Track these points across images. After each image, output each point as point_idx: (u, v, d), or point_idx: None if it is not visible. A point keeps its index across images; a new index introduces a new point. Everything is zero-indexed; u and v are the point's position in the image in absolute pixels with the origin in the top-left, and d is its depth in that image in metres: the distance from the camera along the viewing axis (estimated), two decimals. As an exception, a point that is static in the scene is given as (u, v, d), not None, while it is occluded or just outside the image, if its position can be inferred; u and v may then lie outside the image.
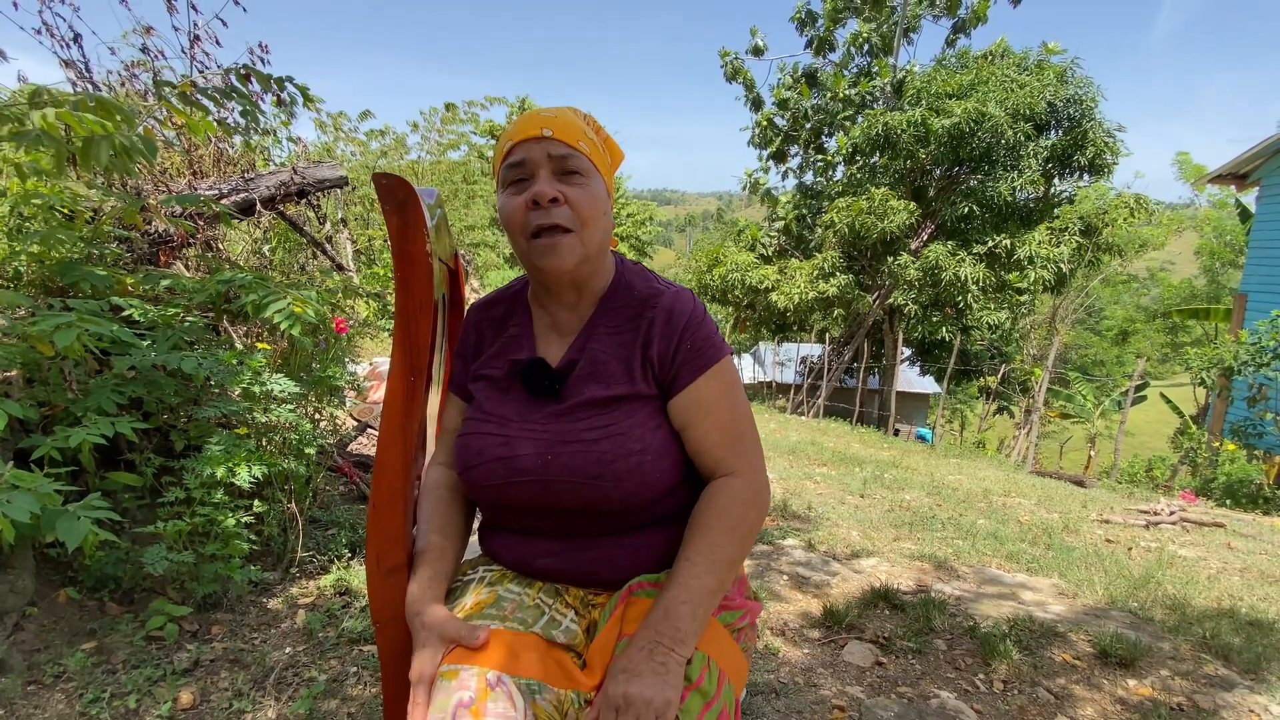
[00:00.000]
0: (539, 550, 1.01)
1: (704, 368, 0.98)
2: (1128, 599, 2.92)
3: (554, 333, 1.04)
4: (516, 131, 0.95)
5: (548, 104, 1.02)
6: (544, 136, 0.93)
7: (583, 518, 0.98)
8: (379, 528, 0.98)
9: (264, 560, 2.42)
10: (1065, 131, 11.25)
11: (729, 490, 0.98)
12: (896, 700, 1.98)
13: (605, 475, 0.93)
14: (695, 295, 1.04)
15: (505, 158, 0.96)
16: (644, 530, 1.00)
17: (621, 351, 0.99)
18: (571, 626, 0.97)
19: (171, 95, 2.06)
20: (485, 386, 1.05)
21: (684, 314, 0.99)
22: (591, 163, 0.96)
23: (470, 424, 1.03)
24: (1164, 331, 28.20)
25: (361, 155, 8.68)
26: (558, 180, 0.94)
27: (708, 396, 0.98)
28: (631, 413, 0.97)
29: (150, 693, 1.73)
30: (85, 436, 1.68)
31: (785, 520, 3.84)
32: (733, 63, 14.76)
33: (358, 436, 3.79)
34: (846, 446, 7.21)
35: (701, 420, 0.98)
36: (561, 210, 0.93)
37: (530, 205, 0.93)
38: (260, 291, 2.12)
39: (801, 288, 12.20)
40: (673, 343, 0.98)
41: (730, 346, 1.04)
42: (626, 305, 1.01)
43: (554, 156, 0.94)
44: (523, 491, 0.96)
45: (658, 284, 1.03)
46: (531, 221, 0.93)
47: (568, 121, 0.96)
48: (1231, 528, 4.70)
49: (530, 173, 0.94)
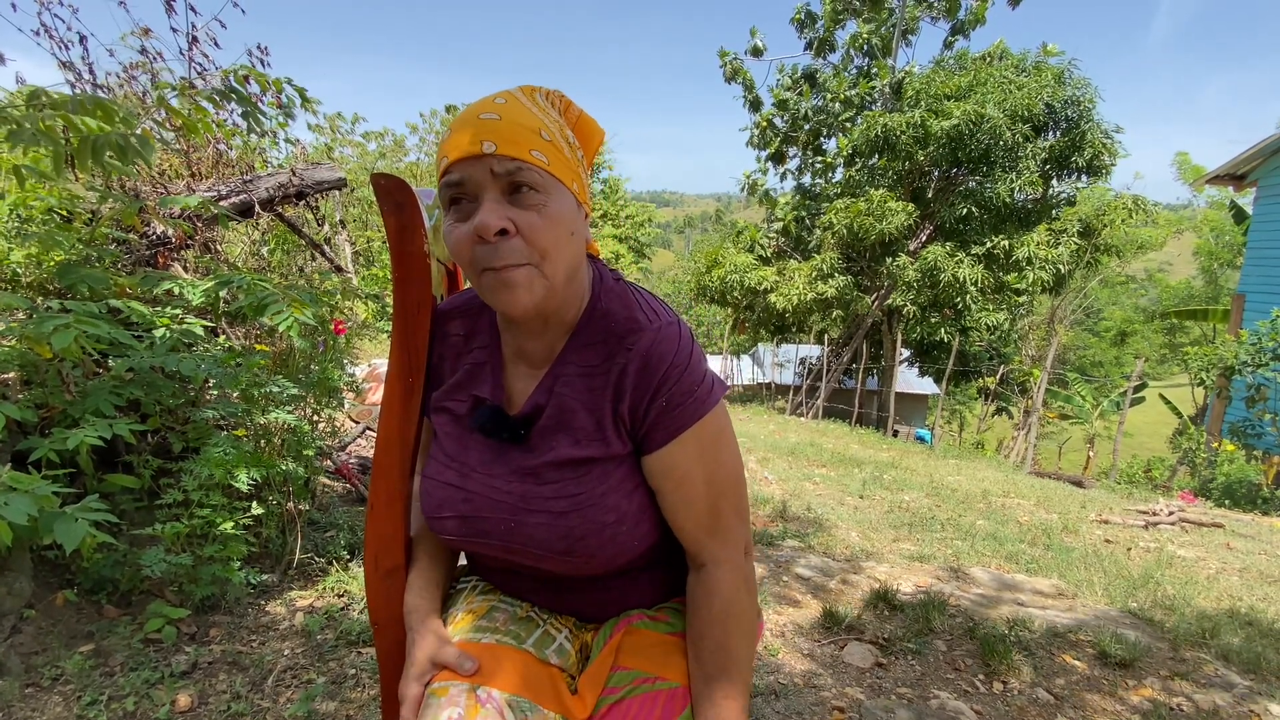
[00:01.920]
0: (524, 588, 0.99)
1: (680, 429, 0.83)
2: (1127, 599, 2.92)
3: (522, 362, 0.90)
4: (452, 145, 0.77)
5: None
6: (485, 153, 0.75)
7: (558, 574, 0.92)
8: (377, 529, 0.98)
9: (262, 562, 2.42)
10: (1063, 133, 11.26)
11: (718, 591, 0.87)
12: (896, 701, 1.97)
13: (575, 550, 0.85)
14: (684, 329, 0.86)
15: (443, 175, 0.79)
16: (631, 576, 0.97)
17: (591, 400, 0.85)
18: (565, 645, 0.95)
19: (172, 97, 2.06)
20: (446, 421, 0.93)
21: (664, 360, 0.82)
22: (550, 174, 0.77)
23: (432, 465, 0.93)
24: (1162, 332, 28.25)
25: (360, 157, 8.69)
26: (507, 202, 0.76)
27: (681, 464, 0.84)
28: (605, 477, 0.85)
29: (148, 695, 1.72)
30: (83, 438, 1.68)
31: (784, 522, 3.84)
32: (732, 63, 14.77)
33: (356, 438, 3.79)
34: (845, 448, 7.21)
35: (672, 491, 0.86)
36: (513, 245, 0.75)
37: (475, 239, 0.76)
38: (258, 293, 2.12)
39: (800, 289, 12.21)
40: (646, 396, 0.83)
41: (723, 387, 0.89)
42: (600, 341, 0.85)
43: (499, 174, 0.75)
44: (489, 549, 0.90)
45: (639, 314, 0.85)
46: (479, 260, 0.76)
47: (514, 125, 0.76)
48: (1230, 528, 4.71)
49: (473, 194, 0.77)
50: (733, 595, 0.87)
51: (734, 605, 0.87)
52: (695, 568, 0.90)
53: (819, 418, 12.02)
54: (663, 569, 0.98)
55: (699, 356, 0.86)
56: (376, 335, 3.57)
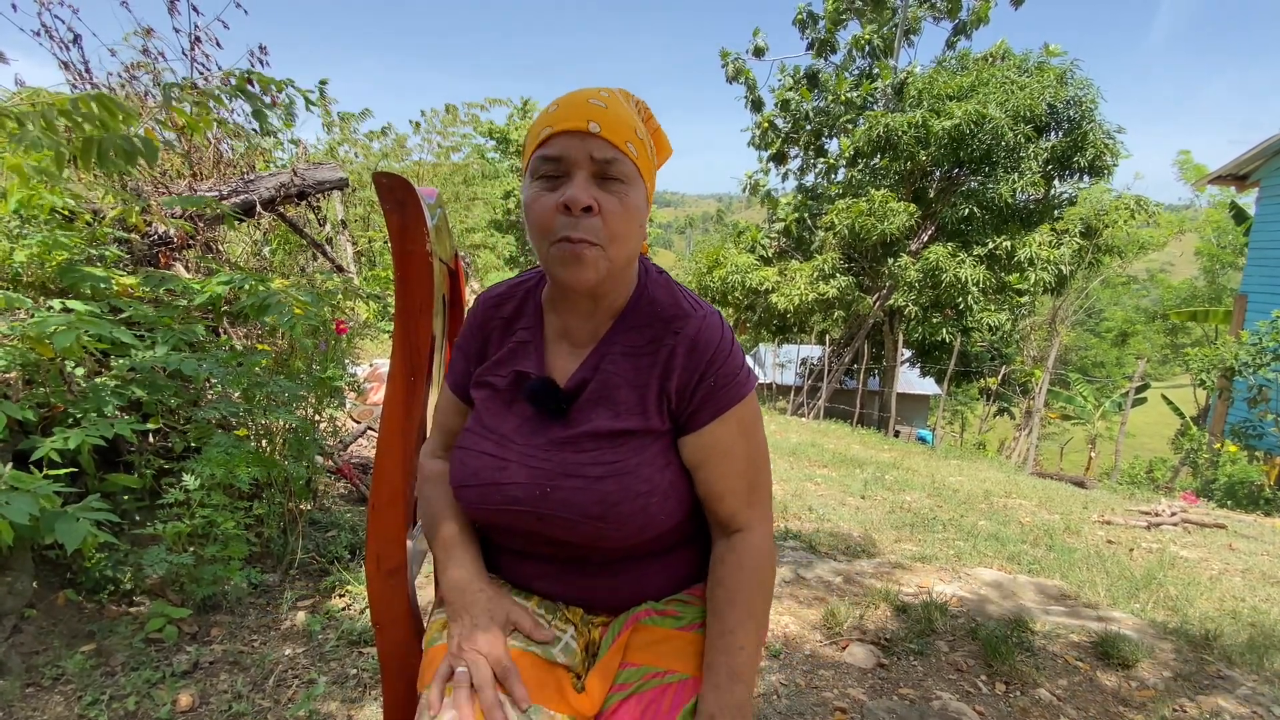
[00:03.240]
0: (535, 572, 0.98)
1: (724, 408, 0.90)
2: (1129, 600, 2.92)
3: (565, 341, 0.95)
4: (559, 118, 0.83)
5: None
6: (590, 132, 0.81)
7: (579, 549, 0.93)
8: (379, 529, 0.98)
9: (264, 562, 2.42)
10: (1065, 133, 11.26)
11: (752, 553, 0.92)
12: (898, 702, 1.97)
13: (608, 516, 0.87)
14: (724, 320, 0.94)
15: (541, 145, 0.84)
16: (645, 560, 0.97)
17: (638, 378, 0.90)
18: (571, 644, 0.95)
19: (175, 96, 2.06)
20: (487, 396, 0.97)
21: (710, 345, 0.89)
22: (636, 167, 0.85)
23: (468, 437, 0.95)
24: (1164, 333, 28.22)
25: (363, 157, 8.68)
26: (595, 184, 0.83)
27: (724, 440, 0.91)
28: (640, 449, 0.89)
29: (149, 695, 1.72)
30: (84, 438, 1.68)
31: (786, 522, 3.84)
32: (734, 63, 14.77)
33: (358, 438, 3.79)
34: (847, 448, 7.20)
35: (716, 465, 0.91)
36: (593, 222, 0.82)
37: (561, 209, 0.82)
38: (260, 294, 2.12)
39: (801, 289, 12.21)
40: (694, 378, 0.89)
41: (756, 377, 0.97)
42: (647, 325, 0.91)
43: (596, 159, 0.82)
44: (516, 519, 0.91)
45: (685, 303, 0.93)
46: (559, 229, 0.82)
47: (618, 116, 0.84)
48: (1233, 529, 4.70)
49: (566, 170, 0.83)
50: (763, 557, 0.93)
51: (763, 567, 0.93)
52: (728, 535, 0.95)
53: (820, 418, 12.02)
54: (674, 557, 0.99)
55: (738, 346, 0.94)
56: (378, 335, 3.57)
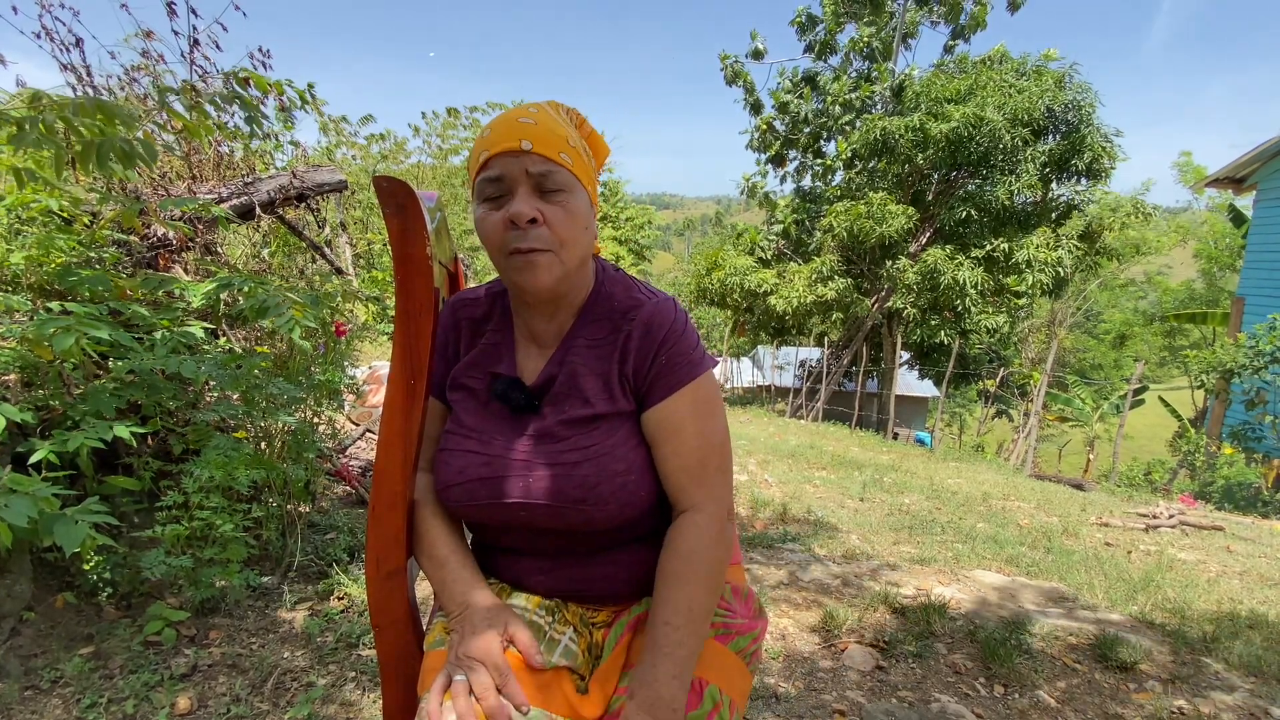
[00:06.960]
0: (530, 568, 1.00)
1: (677, 385, 0.94)
2: (1128, 602, 2.92)
3: (533, 343, 1.01)
4: (493, 141, 0.89)
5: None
6: (523, 150, 0.87)
7: (568, 538, 0.96)
8: (378, 532, 0.98)
9: (262, 565, 2.41)
10: (1063, 136, 11.27)
11: (694, 531, 0.93)
12: (897, 705, 1.97)
13: (589, 499, 0.90)
14: (678, 305, 0.99)
15: (481, 168, 0.90)
16: (634, 545, 0.99)
17: (600, 366, 0.96)
18: (571, 646, 0.96)
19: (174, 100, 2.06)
20: (464, 397, 1.01)
21: (663, 326, 0.95)
22: (573, 175, 0.91)
23: (450, 438, 0.99)
24: (1162, 335, 28.26)
25: (362, 159, 8.68)
26: (537, 197, 0.89)
27: (676, 416, 0.94)
28: (612, 431, 0.94)
29: (148, 698, 1.72)
30: (83, 440, 1.68)
31: (785, 524, 3.84)
32: (733, 66, 14.78)
33: (357, 440, 3.79)
34: (845, 450, 7.21)
35: (666, 441, 0.95)
36: (539, 232, 0.88)
37: (508, 224, 0.88)
38: (259, 296, 2.12)
39: (800, 291, 12.21)
40: (648, 356, 0.94)
41: (713, 360, 1.00)
42: (605, 317, 0.97)
43: (533, 174, 0.88)
44: (505, 513, 0.94)
45: (639, 293, 0.99)
46: (510, 242, 0.89)
47: (548, 130, 0.89)
48: (1231, 531, 4.71)
49: (508, 189, 0.89)
50: (705, 538, 0.93)
51: (703, 547, 0.93)
52: (676, 515, 0.97)
53: (819, 420, 12.02)
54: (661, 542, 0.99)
55: (692, 327, 0.99)
56: (377, 337, 3.57)
